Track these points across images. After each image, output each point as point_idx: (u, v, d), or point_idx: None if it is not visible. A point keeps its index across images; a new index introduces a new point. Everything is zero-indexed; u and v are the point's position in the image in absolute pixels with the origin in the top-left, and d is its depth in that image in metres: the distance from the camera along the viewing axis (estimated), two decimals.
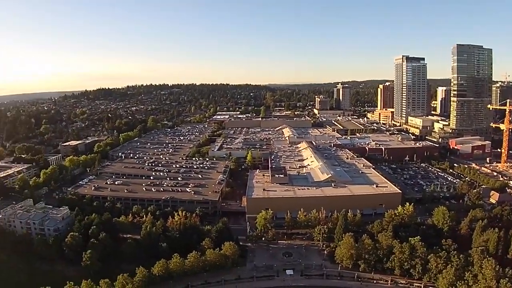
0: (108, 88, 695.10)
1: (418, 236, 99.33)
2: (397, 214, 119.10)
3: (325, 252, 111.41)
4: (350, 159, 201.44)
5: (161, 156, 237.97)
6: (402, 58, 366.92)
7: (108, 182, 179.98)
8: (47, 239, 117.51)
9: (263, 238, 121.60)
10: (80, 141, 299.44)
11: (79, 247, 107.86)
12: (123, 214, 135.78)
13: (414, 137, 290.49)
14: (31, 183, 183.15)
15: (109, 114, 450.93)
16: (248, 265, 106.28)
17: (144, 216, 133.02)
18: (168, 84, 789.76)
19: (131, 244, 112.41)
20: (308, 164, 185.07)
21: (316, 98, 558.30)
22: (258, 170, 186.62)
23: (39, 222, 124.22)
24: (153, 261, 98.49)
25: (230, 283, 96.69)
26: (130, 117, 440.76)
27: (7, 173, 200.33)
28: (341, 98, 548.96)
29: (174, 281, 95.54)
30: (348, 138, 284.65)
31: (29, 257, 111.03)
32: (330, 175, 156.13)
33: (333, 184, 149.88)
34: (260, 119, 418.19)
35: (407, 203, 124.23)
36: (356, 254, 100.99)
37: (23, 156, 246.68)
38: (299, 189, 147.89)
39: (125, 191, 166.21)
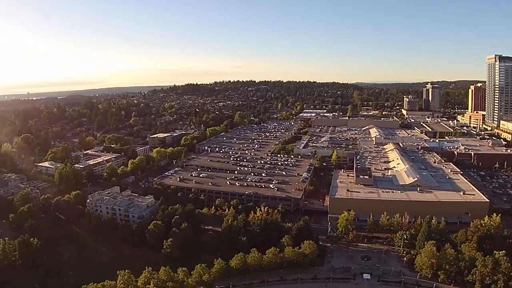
0: (196, 84, 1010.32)
1: (504, 251, 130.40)
2: (483, 224, 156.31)
3: (405, 259, 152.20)
4: (438, 163, 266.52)
5: (246, 152, 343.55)
6: (495, 58, 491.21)
7: (193, 174, 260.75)
8: (131, 225, 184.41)
9: (343, 240, 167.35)
10: (167, 134, 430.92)
11: (161, 235, 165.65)
12: (206, 206, 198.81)
13: (506, 143, 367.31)
14: (119, 171, 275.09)
15: (196, 109, 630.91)
16: (325, 266, 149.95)
17: (227, 209, 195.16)
18: (255, 81, 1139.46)
19: (212, 236, 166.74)
20: (394, 167, 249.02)
21: (404, 98, 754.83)
22: (342, 170, 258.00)
23: (125, 209, 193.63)
24: (232, 254, 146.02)
25: (306, 282, 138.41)
26: (217, 112, 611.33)
27: (97, 161, 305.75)
28: (430, 98, 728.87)
29: (251, 276, 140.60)
30: (436, 141, 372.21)
31: (112, 241, 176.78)
32: (416, 179, 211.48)
33: (418, 189, 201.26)
34: (346, 118, 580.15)
35: (495, 214, 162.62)
36: (436, 263, 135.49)
37: (112, 146, 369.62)
38: (383, 191, 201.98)
39: (209, 184, 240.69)
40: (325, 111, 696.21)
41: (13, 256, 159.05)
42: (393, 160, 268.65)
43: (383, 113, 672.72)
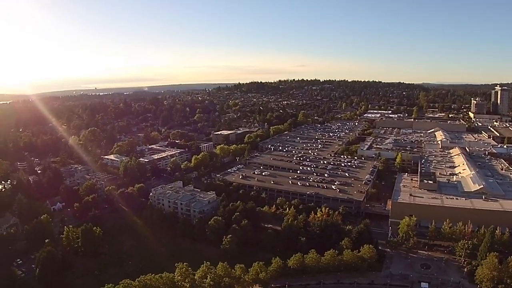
0: (261, 82, 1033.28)
1: None
2: None
3: (465, 269, 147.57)
4: (505, 170, 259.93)
5: (309, 151, 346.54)
6: None
7: (255, 172, 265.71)
8: (192, 219, 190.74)
9: (403, 246, 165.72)
10: (231, 131, 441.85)
11: (221, 231, 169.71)
12: (267, 205, 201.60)
13: None
14: (182, 166, 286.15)
15: (260, 107, 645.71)
16: (383, 272, 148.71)
17: (287, 208, 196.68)
18: (319, 80, 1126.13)
19: (271, 234, 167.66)
20: (459, 172, 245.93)
21: (472, 101, 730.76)
22: (406, 173, 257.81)
23: (186, 203, 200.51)
24: (290, 253, 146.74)
25: (363, 287, 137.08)
26: (281, 111, 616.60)
27: (161, 156, 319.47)
28: (498, 101, 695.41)
29: (307, 276, 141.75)
30: (505, 147, 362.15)
31: (172, 234, 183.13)
32: (481, 186, 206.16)
33: (483, 197, 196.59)
34: (412, 119, 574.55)
35: None
36: (498, 276, 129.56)
37: (176, 141, 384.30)
38: (447, 198, 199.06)
39: (271, 182, 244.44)
40: (390, 112, 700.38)
41: (76, 243, 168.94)
42: (459, 166, 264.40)
43: (449, 115, 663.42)
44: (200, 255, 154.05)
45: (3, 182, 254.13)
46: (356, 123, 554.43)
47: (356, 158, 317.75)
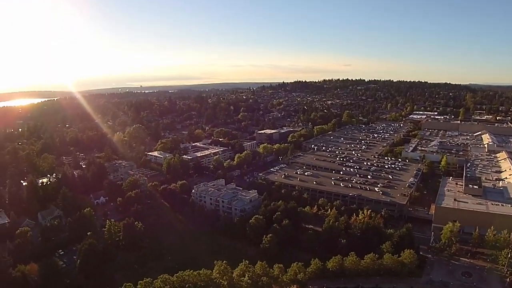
0: (305, 81, 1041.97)
1: None
2: None
3: (508, 280, 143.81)
4: None
5: (353, 152, 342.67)
6: None
7: (298, 172, 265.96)
8: (233, 217, 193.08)
9: (445, 252, 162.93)
10: (275, 130, 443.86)
11: (261, 230, 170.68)
12: (309, 205, 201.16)
13: None
14: (225, 164, 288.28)
15: (304, 106, 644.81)
16: (423, 278, 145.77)
17: (329, 209, 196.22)
18: (364, 80, 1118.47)
19: (311, 235, 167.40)
20: (506, 177, 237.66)
21: None
22: (451, 177, 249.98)
23: (228, 201, 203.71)
24: (329, 255, 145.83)
25: None
26: (325, 111, 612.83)
27: (204, 154, 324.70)
28: None
29: (346, 279, 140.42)
30: None
31: (213, 231, 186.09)
32: None
33: None
34: (458, 122, 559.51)
35: None
36: None
37: (220, 139, 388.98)
38: (492, 204, 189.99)
39: (314, 182, 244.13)
40: (436, 113, 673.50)
41: (117, 237, 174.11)
42: (505, 170, 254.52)
43: (497, 118, 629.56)
44: (239, 254, 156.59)
45: (48, 175, 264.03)
46: (401, 124, 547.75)
47: (400, 160, 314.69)
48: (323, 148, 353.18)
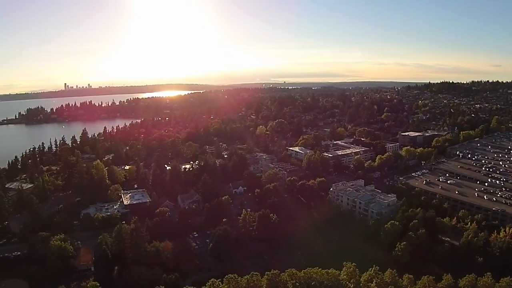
0: (452, 82, 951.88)
1: None
2: None
3: None
4: None
5: (500, 163, 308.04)
6: None
7: (440, 179, 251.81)
8: (368, 220, 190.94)
9: None
10: (419, 133, 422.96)
11: (395, 236, 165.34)
12: (448, 216, 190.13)
13: None
14: (366, 165, 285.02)
15: (451, 109, 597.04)
16: None
17: (469, 223, 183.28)
18: None
19: (446, 248, 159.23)
20: None
21: None
22: None
23: (365, 203, 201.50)
24: (463, 272, 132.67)
25: None
26: (472, 115, 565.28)
27: (345, 152, 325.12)
28: None
29: None
30: None
31: (346, 232, 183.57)
32: None
33: None
34: None
35: None
36: None
37: (362, 139, 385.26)
38: None
39: (456, 192, 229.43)
40: None
41: (251, 226, 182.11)
42: None
43: None
44: (370, 258, 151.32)
45: (191, 162, 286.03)
46: None
47: None
48: (469, 155, 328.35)
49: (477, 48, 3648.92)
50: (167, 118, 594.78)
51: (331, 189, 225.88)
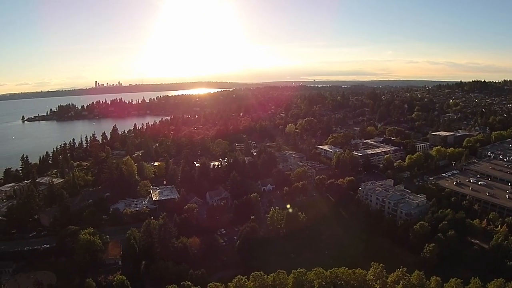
0: (484, 81, 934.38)
1: None
2: None
3: None
4: None
5: None
6: None
7: (470, 180, 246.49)
8: (397, 220, 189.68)
9: None
10: (450, 133, 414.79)
11: (424, 238, 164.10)
12: (478, 218, 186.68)
13: None
14: (395, 165, 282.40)
15: (482, 109, 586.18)
16: None
17: (499, 226, 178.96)
18: None
19: (476, 251, 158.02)
20: None
21: None
22: None
23: (394, 203, 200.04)
24: (491, 276, 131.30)
25: None
26: (505, 115, 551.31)
27: (375, 152, 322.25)
28: None
29: None
30: None
31: (374, 232, 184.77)
32: None
33: None
34: None
35: None
36: None
37: (392, 138, 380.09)
38: None
39: (487, 194, 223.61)
40: None
41: (279, 224, 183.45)
42: None
43: None
44: (397, 259, 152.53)
45: (220, 159, 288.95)
46: None
47: None
48: (500, 156, 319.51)
49: (509, 46, 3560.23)
50: (196, 116, 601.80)
51: (360, 188, 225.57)
